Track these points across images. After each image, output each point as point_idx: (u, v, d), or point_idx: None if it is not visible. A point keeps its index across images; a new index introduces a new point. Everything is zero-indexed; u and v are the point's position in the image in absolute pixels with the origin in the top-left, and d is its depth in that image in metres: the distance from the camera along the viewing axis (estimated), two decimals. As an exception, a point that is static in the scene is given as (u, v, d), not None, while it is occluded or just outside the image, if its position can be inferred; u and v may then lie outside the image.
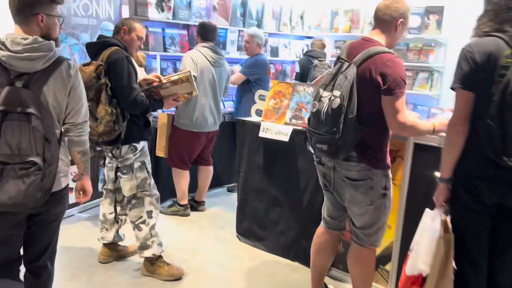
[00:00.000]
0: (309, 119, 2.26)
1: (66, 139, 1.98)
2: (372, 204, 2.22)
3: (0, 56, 1.73)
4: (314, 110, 2.17)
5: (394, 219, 2.62)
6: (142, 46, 2.85)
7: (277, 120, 3.21)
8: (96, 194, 4.04)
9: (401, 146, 2.57)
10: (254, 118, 3.39)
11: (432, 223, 1.96)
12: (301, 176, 3.07)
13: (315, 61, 5.00)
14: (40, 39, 1.77)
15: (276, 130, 3.12)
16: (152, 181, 2.88)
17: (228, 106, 4.81)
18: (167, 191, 4.09)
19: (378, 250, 2.53)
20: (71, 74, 1.85)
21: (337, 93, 2.07)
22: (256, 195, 3.37)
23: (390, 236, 2.65)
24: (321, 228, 2.56)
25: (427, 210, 2.03)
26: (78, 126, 1.95)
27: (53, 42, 1.81)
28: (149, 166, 2.86)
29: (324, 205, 2.53)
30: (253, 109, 3.45)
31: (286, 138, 3.05)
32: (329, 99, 2.09)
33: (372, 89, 2.09)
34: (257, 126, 3.24)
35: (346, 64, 2.15)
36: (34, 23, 1.79)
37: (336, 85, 2.10)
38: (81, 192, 2.11)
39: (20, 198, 1.68)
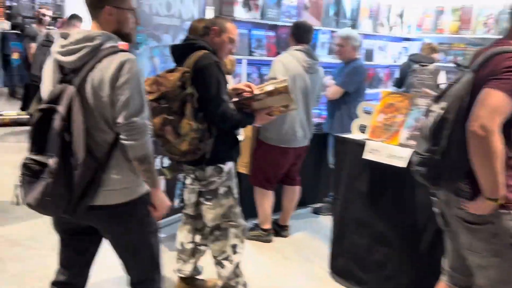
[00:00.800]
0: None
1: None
2: (498, 256, 1.68)
3: (53, 53, 1.68)
4: (420, 126, 1.88)
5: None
6: (234, 50, 2.41)
7: (388, 139, 2.63)
8: (172, 211, 3.70)
9: None
10: (356, 135, 2.84)
11: None
12: (420, 211, 2.46)
13: (415, 66, 4.35)
14: (92, 32, 1.63)
15: (388, 153, 2.55)
16: (239, 209, 2.44)
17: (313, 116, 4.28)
18: (247, 211, 3.64)
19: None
20: (113, 64, 1.61)
21: (443, 104, 1.72)
22: (356, 228, 2.81)
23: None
24: (442, 284, 2.04)
25: None
26: (124, 127, 1.66)
27: (96, 32, 1.64)
28: (235, 191, 2.43)
29: (446, 253, 2.00)
30: (355, 124, 2.90)
31: (402, 163, 2.46)
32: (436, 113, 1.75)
33: None
34: (361, 145, 2.70)
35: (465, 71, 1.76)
36: (103, 17, 1.68)
37: (446, 96, 1.75)
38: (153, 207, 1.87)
39: (37, 201, 1.58)
